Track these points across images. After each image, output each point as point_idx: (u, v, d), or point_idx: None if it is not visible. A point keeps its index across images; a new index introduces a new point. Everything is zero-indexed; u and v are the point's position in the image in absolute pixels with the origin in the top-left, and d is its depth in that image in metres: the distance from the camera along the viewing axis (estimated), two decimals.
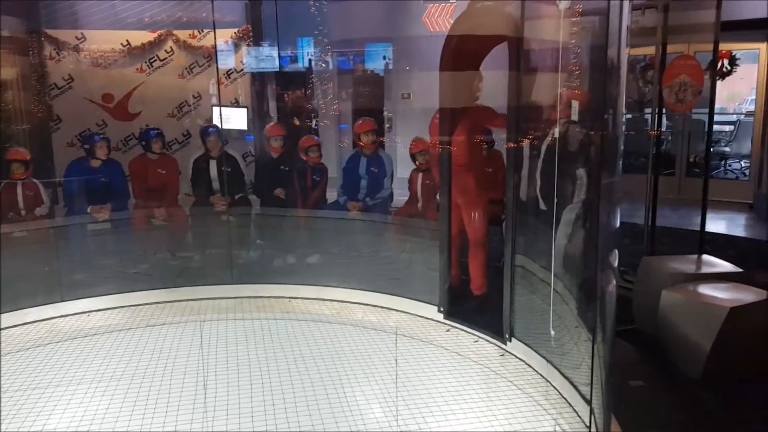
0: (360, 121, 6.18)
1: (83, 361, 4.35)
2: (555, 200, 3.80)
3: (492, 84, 4.61)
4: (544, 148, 4.11)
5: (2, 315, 4.92)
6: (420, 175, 5.87)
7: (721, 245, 6.40)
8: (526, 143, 4.21)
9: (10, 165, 5.71)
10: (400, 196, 6.24)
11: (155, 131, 6.29)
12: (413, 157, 5.90)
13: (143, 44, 7.57)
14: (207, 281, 5.67)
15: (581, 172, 3.92)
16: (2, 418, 3.59)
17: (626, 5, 3.03)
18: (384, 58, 9.09)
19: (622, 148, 3.32)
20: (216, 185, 6.22)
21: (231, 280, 5.68)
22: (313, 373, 4.08)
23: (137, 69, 7.61)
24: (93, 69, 7.49)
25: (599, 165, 3.61)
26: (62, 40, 7.39)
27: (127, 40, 7.51)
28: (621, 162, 3.26)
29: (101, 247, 5.95)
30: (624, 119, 3.42)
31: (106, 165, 6.03)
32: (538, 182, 4.17)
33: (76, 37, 7.41)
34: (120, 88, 7.57)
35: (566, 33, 3.70)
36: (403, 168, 6.46)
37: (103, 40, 7.49)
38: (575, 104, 3.81)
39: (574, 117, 3.85)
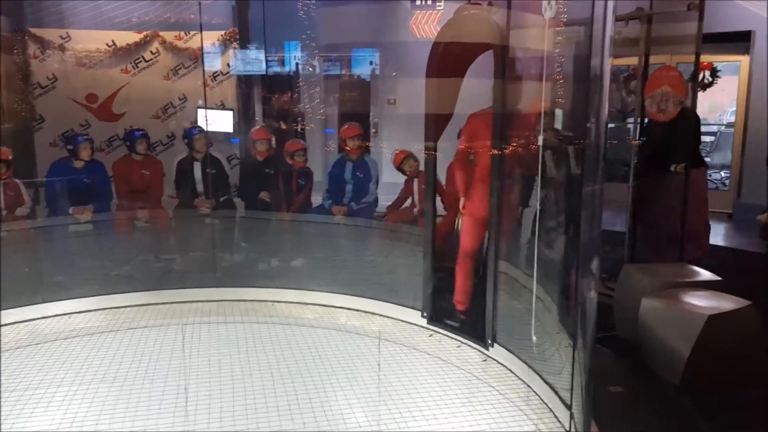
0: (346, 126, 6.20)
1: (63, 363, 4.31)
2: (538, 207, 3.85)
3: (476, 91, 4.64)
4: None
5: None
6: (415, 180, 5.90)
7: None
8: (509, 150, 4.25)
9: None
10: (385, 201, 6.26)
11: (140, 132, 6.26)
12: (401, 171, 5.95)
13: (129, 45, 7.54)
14: (190, 284, 5.64)
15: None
16: None
17: (610, 16, 3.08)
18: (370, 63, 9.12)
19: (603, 156, 3.37)
20: (200, 187, 6.19)
21: (214, 283, 5.66)
22: (295, 377, 4.08)
23: (122, 70, 7.57)
24: (77, 69, 7.45)
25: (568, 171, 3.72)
26: (47, 39, 7.34)
27: (113, 41, 7.47)
28: (602, 170, 3.31)
29: (83, 248, 5.90)
30: (606, 128, 3.47)
31: (89, 166, 5.98)
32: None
33: (61, 37, 7.36)
34: (104, 89, 7.53)
35: (551, 42, 3.75)
36: (388, 173, 6.48)
37: (88, 40, 7.45)
38: (558, 112, 3.85)
39: (558, 125, 3.89)
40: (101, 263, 5.79)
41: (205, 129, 6.50)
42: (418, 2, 7.73)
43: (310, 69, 8.61)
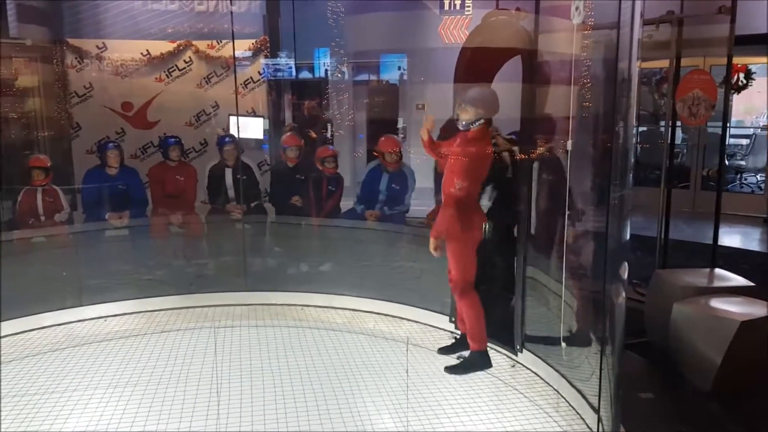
0: (383, 139, 6.14)
1: (100, 366, 4.41)
2: (566, 212, 3.83)
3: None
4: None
5: (20, 319, 5.02)
6: None
7: (735, 259, 6.37)
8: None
9: (30, 171, 5.83)
10: (419, 207, 6.22)
11: (174, 139, 6.40)
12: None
13: (163, 54, 7.70)
14: (221, 288, 5.73)
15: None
16: (20, 421, 3.67)
17: (637, 19, 3.07)
18: (399, 68, 9.17)
19: (633, 160, 3.35)
20: (231, 193, 6.30)
21: (245, 287, 5.74)
22: (324, 382, 4.12)
23: (156, 78, 7.73)
24: (113, 78, 7.63)
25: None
26: (84, 49, 7.53)
27: (147, 50, 7.64)
28: (632, 175, 3.29)
29: (119, 253, 6.05)
30: (635, 132, 3.46)
31: (122, 172, 6.14)
32: None
33: (97, 46, 7.56)
34: (139, 97, 7.70)
35: (579, 46, 3.74)
36: (420, 178, 6.43)
37: (124, 50, 7.63)
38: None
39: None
40: (136, 267, 5.92)
41: (237, 136, 6.61)
42: (446, 8, 7.74)
43: (339, 75, 8.69)
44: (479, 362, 4.23)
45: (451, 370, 4.25)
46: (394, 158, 6.04)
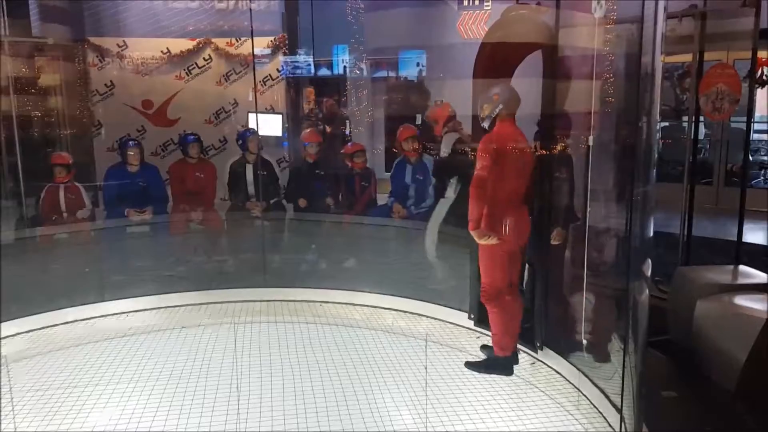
0: (401, 128, 6.18)
1: (122, 361, 4.46)
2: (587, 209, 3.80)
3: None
4: None
5: (43, 314, 5.09)
6: None
7: (759, 256, 6.26)
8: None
9: (53, 169, 5.90)
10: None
11: (193, 136, 6.44)
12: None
13: (182, 52, 7.75)
14: (240, 284, 5.76)
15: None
16: (44, 415, 3.72)
17: (661, 13, 3.02)
18: (417, 65, 9.13)
19: (656, 156, 3.31)
20: (251, 189, 6.33)
21: (264, 283, 5.76)
22: (343, 378, 4.13)
23: (176, 76, 7.78)
24: (133, 76, 7.69)
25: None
26: (105, 47, 7.60)
27: (168, 48, 7.69)
28: (655, 170, 3.25)
29: (140, 249, 6.10)
30: (659, 127, 3.41)
31: (143, 170, 6.18)
32: None
33: (118, 45, 7.62)
34: (160, 95, 7.75)
35: (601, 41, 3.70)
36: None
37: (144, 48, 7.68)
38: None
39: None
40: (157, 264, 5.97)
41: (257, 132, 6.64)
42: (465, 3, 7.69)
43: (358, 72, 8.68)
44: (500, 366, 4.17)
45: (471, 365, 4.23)
46: (412, 145, 6.03)
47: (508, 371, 4.15)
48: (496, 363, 4.19)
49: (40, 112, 7.05)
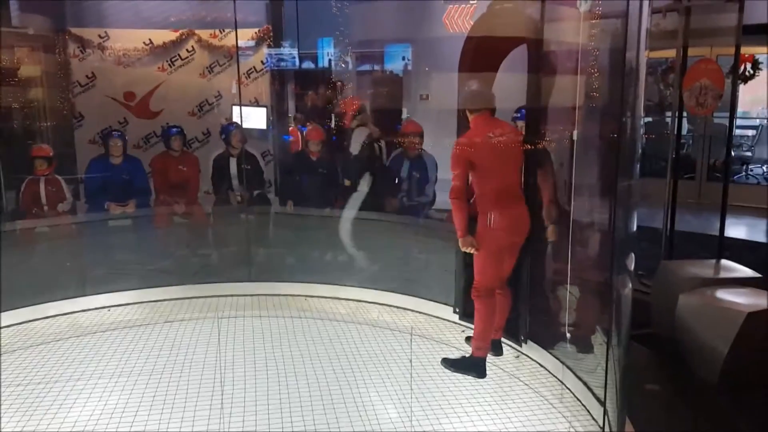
0: (406, 122, 6.16)
1: (103, 356, 4.42)
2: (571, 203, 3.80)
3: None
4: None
5: (24, 309, 5.03)
6: None
7: (741, 250, 6.34)
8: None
9: (33, 161, 5.81)
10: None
11: (176, 129, 6.38)
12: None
13: (165, 43, 7.64)
14: (225, 278, 5.72)
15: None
16: (24, 410, 3.67)
17: (645, 8, 3.03)
18: (403, 58, 9.10)
19: (639, 151, 3.32)
20: (236, 183, 6.28)
21: (249, 277, 5.73)
22: (328, 372, 4.12)
23: (159, 68, 7.68)
24: (115, 67, 7.58)
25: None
26: (86, 38, 7.48)
27: (150, 39, 7.59)
28: (639, 165, 3.26)
29: (122, 242, 6.04)
30: (643, 122, 3.42)
31: (126, 162, 6.11)
32: None
33: (100, 36, 7.50)
34: (142, 87, 7.65)
35: (586, 35, 3.70)
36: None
37: (126, 39, 7.57)
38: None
39: None
40: (139, 257, 5.91)
41: (241, 125, 6.58)
42: None
43: (343, 65, 8.63)
44: (473, 368, 4.05)
45: (445, 362, 4.16)
46: (413, 141, 5.93)
47: (482, 374, 4.03)
48: (470, 363, 4.08)
49: (20, 103, 6.94)
